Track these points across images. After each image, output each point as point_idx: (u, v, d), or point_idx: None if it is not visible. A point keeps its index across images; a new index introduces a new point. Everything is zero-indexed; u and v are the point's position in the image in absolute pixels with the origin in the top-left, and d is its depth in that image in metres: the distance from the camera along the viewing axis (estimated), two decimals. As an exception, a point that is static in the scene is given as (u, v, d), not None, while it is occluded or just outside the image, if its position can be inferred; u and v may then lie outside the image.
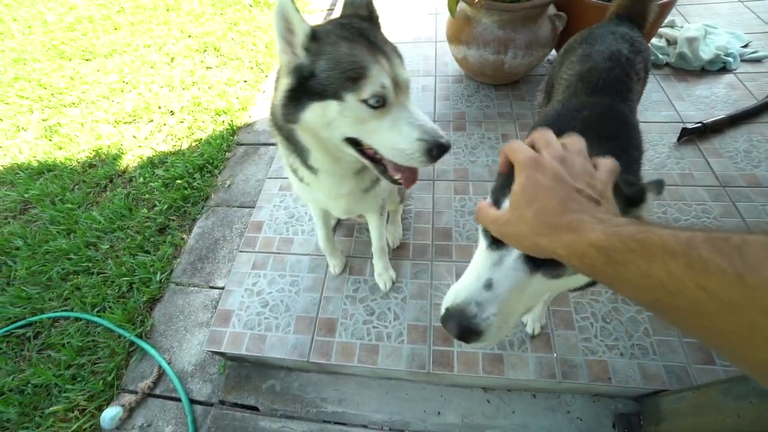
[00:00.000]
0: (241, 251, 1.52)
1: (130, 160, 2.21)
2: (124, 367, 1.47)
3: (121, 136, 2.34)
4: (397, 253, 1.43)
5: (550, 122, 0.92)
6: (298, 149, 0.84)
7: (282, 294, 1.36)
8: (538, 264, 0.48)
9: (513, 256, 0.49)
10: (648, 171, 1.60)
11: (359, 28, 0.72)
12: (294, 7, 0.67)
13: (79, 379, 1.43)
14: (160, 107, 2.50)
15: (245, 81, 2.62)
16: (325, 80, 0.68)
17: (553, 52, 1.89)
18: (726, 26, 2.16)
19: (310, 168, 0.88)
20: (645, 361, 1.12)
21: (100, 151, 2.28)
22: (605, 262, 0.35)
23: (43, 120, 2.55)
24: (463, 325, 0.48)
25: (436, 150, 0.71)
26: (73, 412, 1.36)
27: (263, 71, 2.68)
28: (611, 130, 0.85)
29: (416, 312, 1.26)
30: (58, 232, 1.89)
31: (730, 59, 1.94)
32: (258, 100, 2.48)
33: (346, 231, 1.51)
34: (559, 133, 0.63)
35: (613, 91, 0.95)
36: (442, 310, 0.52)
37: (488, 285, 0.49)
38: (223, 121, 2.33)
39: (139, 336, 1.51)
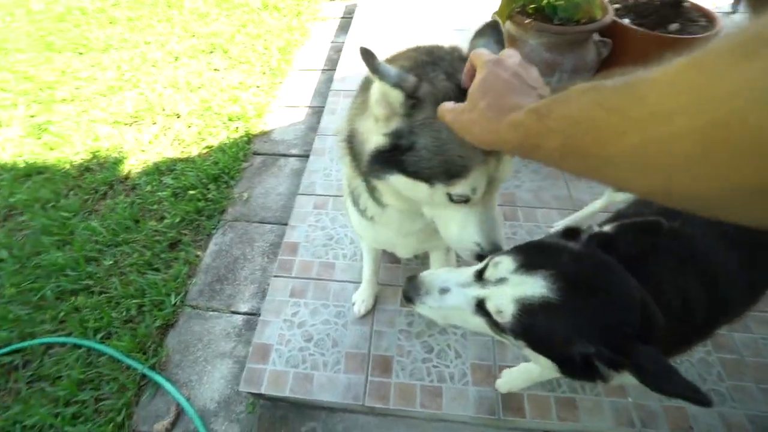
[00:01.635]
0: (276, 276, 1.37)
1: (132, 165, 2.02)
2: (135, 405, 1.28)
3: (121, 138, 2.15)
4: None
5: None
6: (369, 185, 0.74)
7: (327, 326, 1.23)
8: (483, 313, 0.56)
9: (471, 294, 0.57)
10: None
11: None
12: (378, 76, 0.55)
13: (81, 419, 1.24)
14: (164, 109, 2.32)
15: (258, 86, 2.49)
16: (423, 161, 0.58)
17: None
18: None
19: (377, 201, 0.77)
20: (724, 408, 1.06)
21: (97, 153, 2.07)
22: (536, 119, 0.40)
23: (30, 116, 2.31)
24: (411, 287, 0.62)
25: (483, 257, 0.64)
26: (75, 462, 1.17)
27: (277, 76, 2.56)
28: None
29: (479, 349, 1.16)
30: (51, 243, 1.68)
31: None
32: (274, 107, 2.35)
33: (392, 257, 1.40)
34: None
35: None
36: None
37: (446, 290, 0.60)
38: (237, 128, 2.18)
39: (152, 368, 1.33)
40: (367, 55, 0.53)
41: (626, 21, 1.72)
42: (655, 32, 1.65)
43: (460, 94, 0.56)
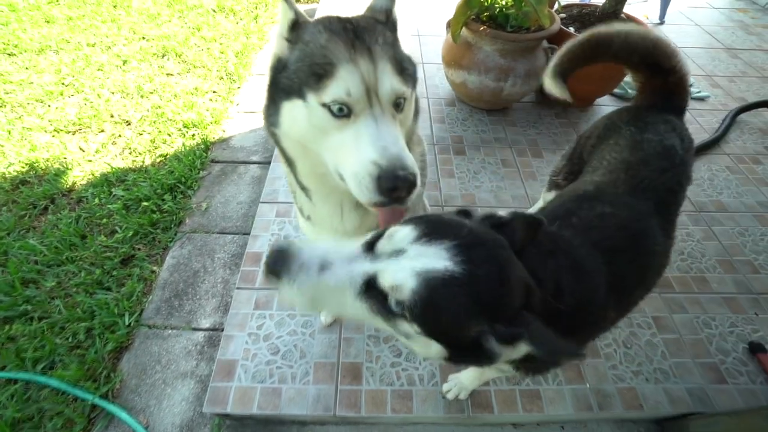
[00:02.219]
0: (238, 288, 1.32)
1: (77, 177, 1.87)
2: (85, 440, 1.18)
3: (63, 148, 1.98)
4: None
5: (567, 205, 0.82)
6: (288, 161, 0.71)
7: (294, 337, 1.19)
8: (370, 295, 0.49)
9: (360, 269, 0.50)
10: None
11: (356, 24, 0.60)
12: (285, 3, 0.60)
13: (18, 464, 1.12)
14: (112, 116, 2.17)
15: (214, 92, 2.40)
16: (293, 73, 0.59)
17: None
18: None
19: (303, 189, 0.75)
20: (668, 384, 1.15)
21: (35, 164, 1.89)
22: None
23: (-48, 124, 2.07)
24: (279, 259, 0.50)
25: (386, 181, 0.54)
26: None
27: (235, 81, 2.48)
28: (626, 250, 0.75)
29: (447, 349, 1.18)
30: (-21, 266, 1.51)
31: (684, 97, 2.20)
32: (232, 113, 2.27)
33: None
34: (565, 220, 0.74)
35: (657, 197, 0.82)
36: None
37: (327, 266, 0.50)
38: (194, 135, 2.08)
39: (104, 396, 1.22)
40: None
41: (571, 29, 1.84)
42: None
43: (339, 21, 0.61)
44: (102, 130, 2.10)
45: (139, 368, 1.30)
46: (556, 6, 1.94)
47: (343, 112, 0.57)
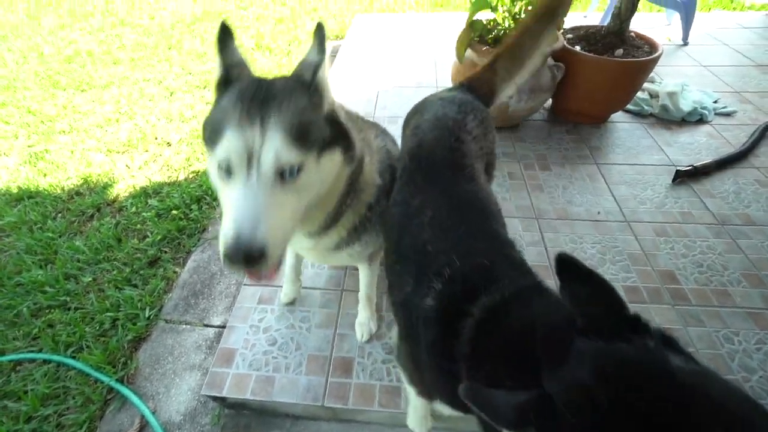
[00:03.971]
0: (245, 284, 1.41)
1: (121, 190, 2.11)
2: (99, 419, 1.27)
3: (113, 165, 2.26)
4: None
5: (395, 239, 0.79)
6: None
7: (292, 331, 1.25)
8: None
9: None
10: (650, 209, 1.66)
11: (268, 90, 0.64)
12: (223, 45, 0.68)
13: (41, 434, 1.22)
14: (156, 138, 2.46)
15: (246, 116, 2.64)
16: (207, 127, 0.66)
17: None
18: (695, 86, 2.40)
19: None
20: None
21: (89, 179, 2.17)
22: None
23: (29, 146, 2.44)
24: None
25: (231, 254, 0.57)
26: (30, 478, 1.14)
27: (265, 108, 2.72)
28: (469, 223, 0.74)
29: (439, 349, 1.18)
30: (33, 262, 1.72)
31: (706, 112, 2.13)
32: (259, 135, 2.48)
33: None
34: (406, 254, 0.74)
35: (446, 166, 0.83)
36: None
37: None
38: (224, 153, 2.29)
39: (120, 380, 1.33)
40: (223, 31, 0.68)
41: (577, 48, 1.89)
42: (603, 57, 1.81)
43: (254, 84, 0.66)
44: (146, 150, 2.37)
45: (154, 358, 1.40)
46: (564, 27, 2.01)
47: (228, 173, 0.61)
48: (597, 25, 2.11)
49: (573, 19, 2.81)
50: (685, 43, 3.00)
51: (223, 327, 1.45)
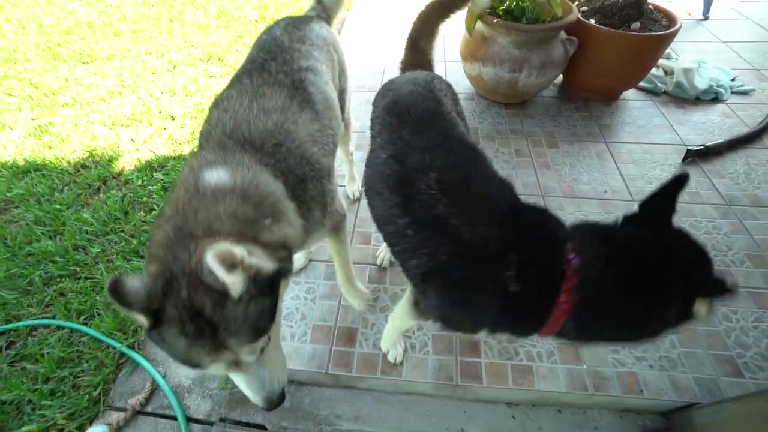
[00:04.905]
0: (251, 256, 1.43)
1: (126, 163, 2.11)
2: (112, 381, 1.32)
3: (117, 138, 2.25)
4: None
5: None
6: None
7: (297, 302, 1.27)
8: None
9: None
10: (657, 189, 1.64)
11: (209, 322, 0.60)
12: (128, 309, 0.58)
13: (58, 394, 1.28)
14: (160, 112, 2.44)
15: (250, 91, 2.60)
16: (171, 357, 0.64)
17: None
18: (713, 63, 2.32)
19: None
20: (675, 373, 1.09)
21: (94, 152, 2.17)
22: None
23: (33, 119, 2.43)
24: None
25: (270, 409, 0.75)
26: (50, 432, 1.20)
27: (269, 82, 2.67)
28: (478, 171, 0.77)
29: (441, 321, 1.20)
30: (43, 233, 1.75)
31: (722, 90, 2.07)
32: (263, 109, 2.45)
33: (363, 239, 1.45)
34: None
35: (432, 114, 0.85)
36: None
37: None
38: (228, 128, 2.28)
39: (131, 347, 1.37)
40: (113, 291, 0.56)
41: (592, 21, 1.82)
42: (618, 31, 1.74)
43: (190, 320, 0.59)
44: (150, 124, 2.36)
45: (163, 326, 1.44)
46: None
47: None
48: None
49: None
50: (706, 17, 2.88)
51: (230, 298, 1.49)
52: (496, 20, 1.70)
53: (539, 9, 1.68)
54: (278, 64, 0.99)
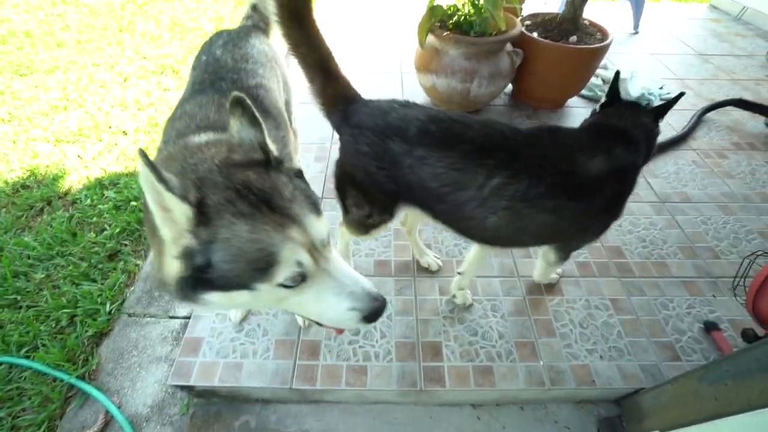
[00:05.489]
0: (210, 273, 1.39)
1: (73, 181, 1.99)
2: (59, 418, 1.23)
3: (63, 156, 2.12)
4: (379, 270, 1.41)
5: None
6: None
7: (258, 317, 1.25)
8: None
9: None
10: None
11: (259, 192, 0.56)
12: (165, 186, 0.49)
13: (-6, 438, 1.18)
14: (110, 127, 2.32)
15: (208, 103, 2.54)
16: (227, 272, 0.54)
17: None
18: (643, 73, 2.55)
19: None
20: (622, 362, 1.18)
21: (35, 170, 2.03)
22: None
23: (-37, 137, 2.24)
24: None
25: (372, 316, 0.62)
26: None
27: (227, 94, 2.62)
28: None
29: (403, 329, 1.23)
30: (-25, 261, 1.61)
31: (652, 97, 2.28)
32: (222, 122, 2.40)
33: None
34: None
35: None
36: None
37: None
38: (184, 142, 2.21)
39: (82, 377, 1.29)
40: (147, 161, 0.47)
41: (535, 34, 1.95)
42: (557, 43, 1.88)
43: (239, 197, 0.54)
44: (100, 140, 2.24)
45: (117, 353, 1.36)
46: (522, 14, 2.06)
47: (297, 282, 0.57)
48: (554, 12, 2.18)
49: (533, 5, 2.88)
50: (636, 32, 3.16)
51: (189, 318, 1.44)
52: (446, 33, 1.78)
53: (485, 23, 1.78)
54: (228, 83, 0.99)
